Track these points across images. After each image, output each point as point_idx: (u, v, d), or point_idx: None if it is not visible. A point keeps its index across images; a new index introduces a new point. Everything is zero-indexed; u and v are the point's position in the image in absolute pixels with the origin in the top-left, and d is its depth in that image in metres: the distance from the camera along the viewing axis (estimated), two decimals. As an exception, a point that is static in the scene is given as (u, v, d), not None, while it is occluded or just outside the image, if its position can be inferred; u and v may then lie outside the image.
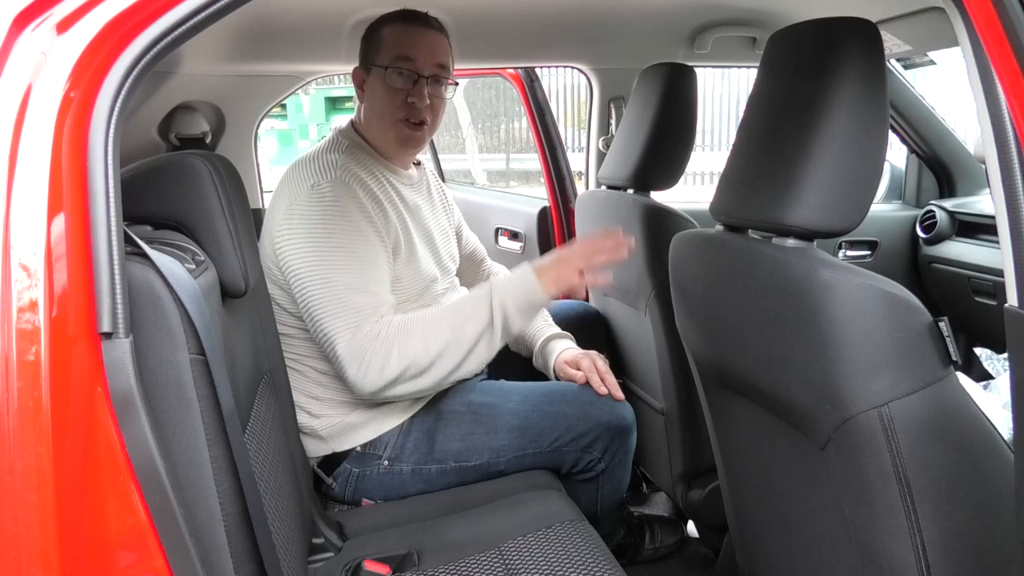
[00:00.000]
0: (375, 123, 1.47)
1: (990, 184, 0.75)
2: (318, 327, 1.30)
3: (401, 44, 1.41)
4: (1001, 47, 0.71)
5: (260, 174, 2.40)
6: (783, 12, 1.79)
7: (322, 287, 1.28)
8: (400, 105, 1.43)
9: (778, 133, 0.93)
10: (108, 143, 0.68)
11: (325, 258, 1.29)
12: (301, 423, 1.42)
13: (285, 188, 1.38)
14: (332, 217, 1.31)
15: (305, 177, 1.36)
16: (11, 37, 0.67)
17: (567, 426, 1.44)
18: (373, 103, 1.46)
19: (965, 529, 0.84)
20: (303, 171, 1.38)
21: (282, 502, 1.06)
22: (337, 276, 1.28)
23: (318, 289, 1.29)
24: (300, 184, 1.35)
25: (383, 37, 1.43)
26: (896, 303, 0.82)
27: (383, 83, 1.42)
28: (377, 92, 1.44)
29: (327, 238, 1.30)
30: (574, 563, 1.14)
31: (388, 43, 1.42)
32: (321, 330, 1.29)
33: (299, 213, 1.32)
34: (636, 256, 1.59)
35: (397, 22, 1.44)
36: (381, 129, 1.47)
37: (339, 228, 1.31)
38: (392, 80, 1.41)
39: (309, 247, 1.30)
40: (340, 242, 1.30)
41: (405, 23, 1.43)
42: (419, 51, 1.41)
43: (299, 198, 1.33)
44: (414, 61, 1.41)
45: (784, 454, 1.03)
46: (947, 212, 2.24)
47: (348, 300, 1.27)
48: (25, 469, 0.63)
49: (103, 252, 0.68)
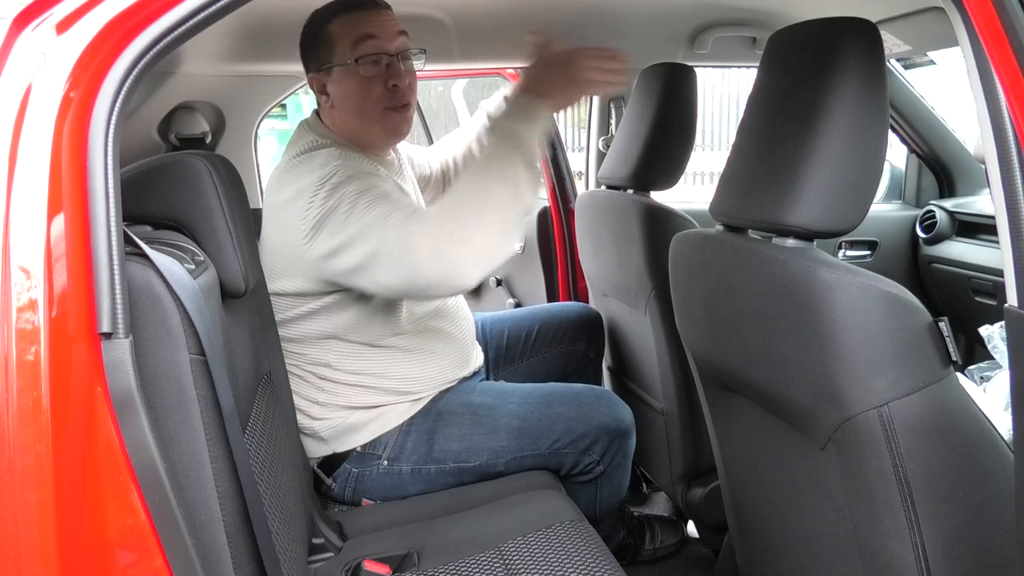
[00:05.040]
0: (354, 122, 1.40)
1: (990, 184, 0.75)
2: (380, 264, 1.19)
3: (359, 32, 1.33)
4: (1001, 47, 0.71)
5: (260, 174, 2.40)
6: (783, 12, 1.79)
7: (372, 230, 1.20)
8: (380, 94, 1.36)
9: (778, 133, 0.93)
10: (108, 143, 0.68)
11: (365, 214, 1.21)
12: (302, 424, 1.42)
13: (289, 185, 1.31)
14: (354, 183, 1.25)
15: (311, 168, 1.29)
16: (11, 37, 0.67)
17: (566, 428, 1.44)
18: (347, 102, 1.37)
19: (965, 529, 0.84)
20: (306, 165, 1.31)
21: (282, 502, 1.06)
22: (378, 219, 1.20)
23: (364, 238, 1.20)
24: (308, 175, 1.28)
25: (332, 33, 1.34)
26: (896, 303, 0.82)
27: (354, 78, 1.34)
28: (350, 89, 1.36)
29: (359, 196, 1.22)
30: (574, 563, 1.14)
31: (342, 37, 1.34)
32: (383, 264, 1.19)
33: (322, 197, 1.24)
34: (636, 256, 1.59)
35: (341, 14, 1.34)
36: (365, 126, 1.40)
37: (365, 185, 1.25)
38: (365, 71, 1.33)
39: (345, 214, 1.21)
40: (370, 196, 1.23)
41: (350, 11, 1.34)
42: (380, 31, 1.35)
43: (312, 183, 1.26)
44: (379, 41, 1.34)
45: (784, 454, 1.02)
46: (947, 212, 2.24)
47: (391, 222, 1.19)
48: (25, 469, 0.63)
49: (103, 252, 0.68)
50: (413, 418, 1.43)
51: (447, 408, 1.45)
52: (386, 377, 1.40)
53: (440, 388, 1.46)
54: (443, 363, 1.46)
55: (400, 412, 1.43)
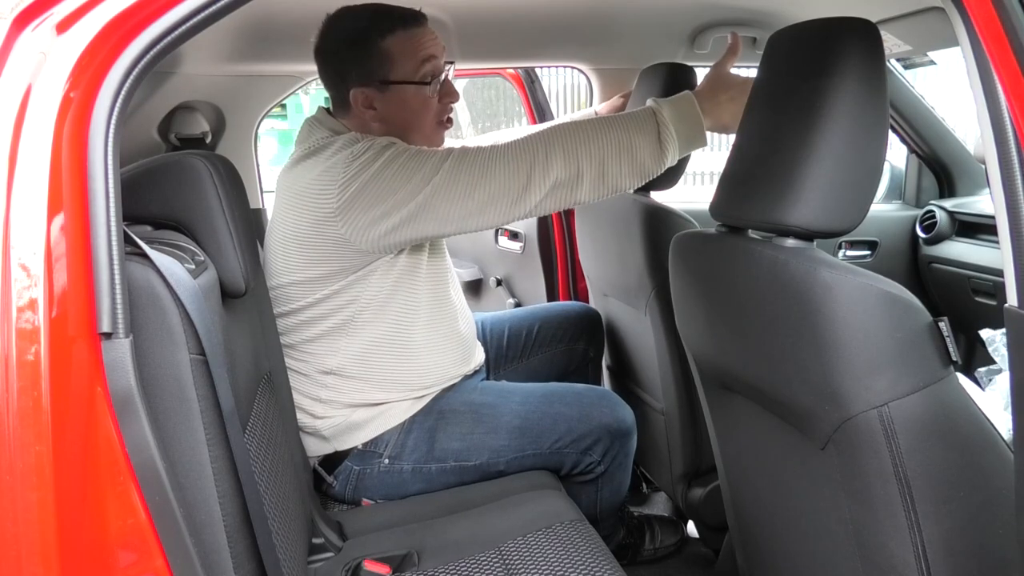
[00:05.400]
0: (405, 134, 1.37)
1: (990, 184, 0.75)
2: (461, 213, 1.22)
3: (423, 52, 1.34)
4: (1001, 47, 0.71)
5: (260, 174, 2.40)
6: (783, 12, 1.79)
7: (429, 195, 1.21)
8: (438, 111, 1.40)
9: (778, 133, 0.93)
10: (108, 143, 0.68)
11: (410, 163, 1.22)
12: (304, 423, 1.42)
13: (312, 169, 1.29)
14: (389, 149, 1.25)
15: (336, 150, 1.29)
16: (11, 37, 0.67)
17: (567, 428, 1.44)
18: (400, 118, 1.37)
19: (965, 529, 0.84)
20: (329, 149, 1.30)
21: (282, 502, 1.06)
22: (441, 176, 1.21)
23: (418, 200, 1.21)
24: (335, 155, 1.27)
25: (390, 50, 1.33)
26: (896, 303, 0.82)
27: (417, 96, 1.35)
28: (408, 107, 1.36)
29: (396, 156, 1.23)
30: (574, 563, 1.14)
31: (402, 55, 1.33)
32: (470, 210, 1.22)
33: (357, 167, 1.23)
34: (636, 256, 1.59)
35: (398, 30, 1.33)
36: (415, 138, 1.38)
37: (400, 148, 1.26)
38: (432, 91, 1.36)
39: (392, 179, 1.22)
40: (408, 154, 1.24)
41: (407, 28, 1.34)
42: (437, 50, 1.37)
43: (346, 163, 1.25)
44: (439, 60, 1.37)
45: (784, 454, 1.03)
46: (947, 212, 2.24)
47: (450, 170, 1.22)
48: (25, 469, 0.63)
49: (103, 252, 0.68)
50: (415, 416, 1.43)
51: (449, 407, 1.45)
52: (392, 372, 1.40)
53: (444, 385, 1.46)
54: (447, 358, 1.46)
55: (403, 410, 1.43)
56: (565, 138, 1.21)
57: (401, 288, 1.37)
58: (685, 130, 1.22)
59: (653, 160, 1.22)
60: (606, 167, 1.20)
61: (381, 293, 1.35)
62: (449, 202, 1.22)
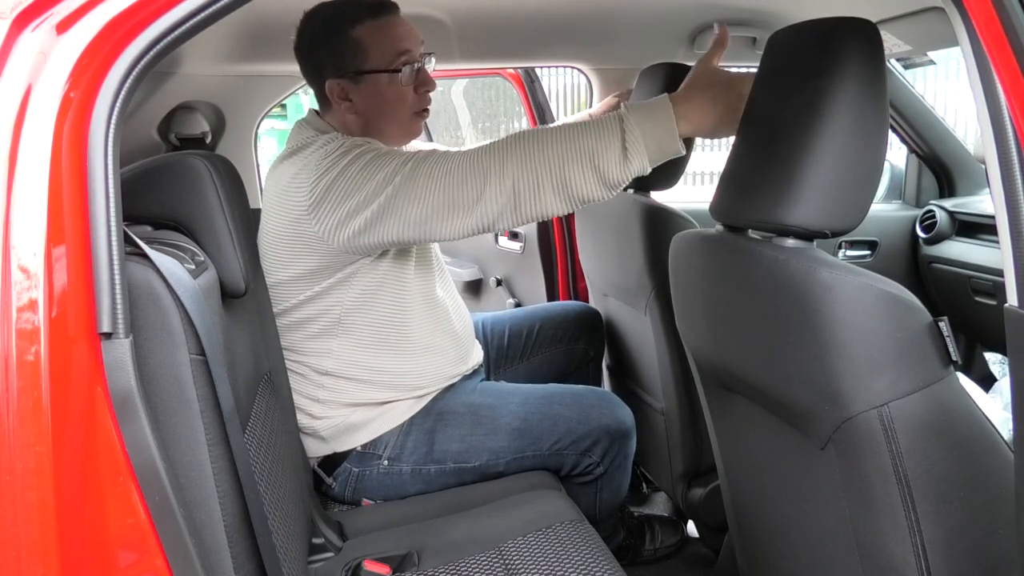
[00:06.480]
0: (376, 125, 1.40)
1: (990, 184, 0.75)
2: (429, 215, 1.19)
3: (390, 40, 1.34)
4: (1001, 47, 0.71)
5: (260, 174, 2.40)
6: (783, 12, 1.79)
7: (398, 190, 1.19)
8: (414, 101, 1.39)
9: (778, 133, 0.93)
10: (108, 143, 0.68)
11: (372, 164, 1.21)
12: (302, 424, 1.42)
13: (290, 168, 1.30)
14: (360, 147, 1.26)
15: (313, 150, 1.29)
16: (11, 37, 0.67)
17: (567, 429, 1.44)
18: (377, 108, 1.38)
19: (965, 529, 0.84)
20: (307, 149, 1.31)
21: (282, 502, 1.06)
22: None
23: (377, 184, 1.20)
24: (312, 155, 1.28)
25: (361, 39, 1.32)
26: (896, 303, 0.82)
27: (391, 86, 1.35)
28: (382, 96, 1.37)
29: (364, 155, 1.23)
30: (574, 563, 1.14)
31: (374, 44, 1.33)
32: (434, 214, 1.19)
33: (327, 166, 1.23)
34: (636, 256, 1.59)
35: (366, 19, 1.32)
36: (392, 129, 1.40)
37: (371, 147, 1.26)
38: (405, 79, 1.35)
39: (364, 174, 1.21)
40: (377, 153, 1.23)
41: (376, 17, 1.32)
42: (411, 38, 1.36)
43: (316, 159, 1.26)
44: (413, 49, 1.36)
45: (784, 454, 1.03)
46: (947, 212, 2.24)
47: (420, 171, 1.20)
48: (25, 469, 0.63)
49: (103, 252, 0.68)
50: (414, 418, 1.43)
51: (448, 408, 1.45)
52: (387, 371, 1.40)
53: (442, 384, 1.46)
54: (443, 358, 1.46)
55: (401, 410, 1.43)
56: (524, 145, 1.16)
57: (387, 289, 1.37)
58: (657, 136, 1.12)
59: (618, 168, 1.14)
60: (568, 176, 1.14)
61: (365, 294, 1.35)
62: (408, 203, 1.19)
